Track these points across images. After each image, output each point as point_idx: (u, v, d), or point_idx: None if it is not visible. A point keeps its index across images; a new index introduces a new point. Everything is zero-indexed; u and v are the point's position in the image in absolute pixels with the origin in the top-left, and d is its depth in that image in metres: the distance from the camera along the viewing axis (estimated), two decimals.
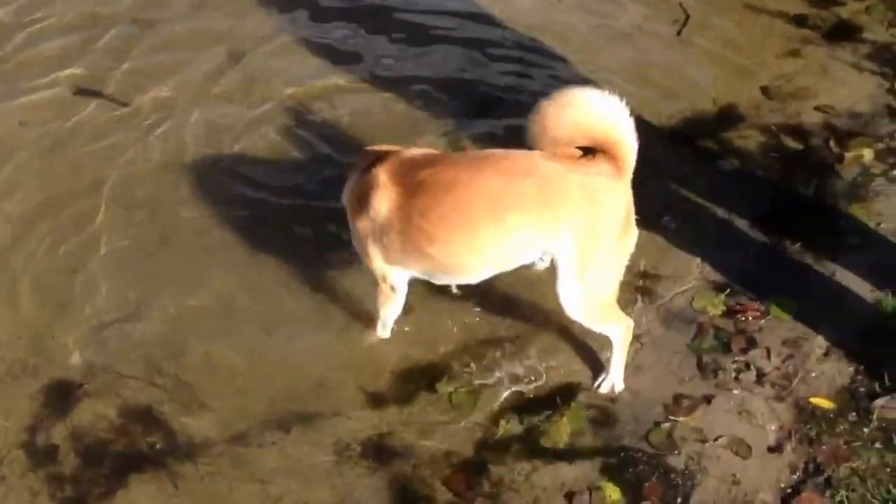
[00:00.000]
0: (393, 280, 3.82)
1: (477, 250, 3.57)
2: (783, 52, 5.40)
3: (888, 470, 3.54)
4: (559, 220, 3.47)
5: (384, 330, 4.04)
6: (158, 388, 3.93)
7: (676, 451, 3.65)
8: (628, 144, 3.40)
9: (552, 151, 3.43)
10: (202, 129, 5.06)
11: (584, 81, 5.13)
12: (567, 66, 5.35)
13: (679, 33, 5.57)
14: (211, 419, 3.82)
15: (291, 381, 3.94)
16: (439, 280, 3.82)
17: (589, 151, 3.44)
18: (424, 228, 3.53)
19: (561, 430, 3.71)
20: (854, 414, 3.73)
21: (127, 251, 4.46)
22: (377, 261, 3.75)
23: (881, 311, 4.04)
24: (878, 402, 3.74)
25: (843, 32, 5.52)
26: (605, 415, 3.78)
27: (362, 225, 3.68)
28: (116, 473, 3.66)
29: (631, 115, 3.37)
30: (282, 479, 3.63)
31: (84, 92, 5.26)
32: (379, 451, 3.70)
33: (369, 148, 3.86)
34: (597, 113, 3.35)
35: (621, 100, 3.35)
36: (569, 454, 3.66)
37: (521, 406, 3.82)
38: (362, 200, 3.65)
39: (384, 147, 3.80)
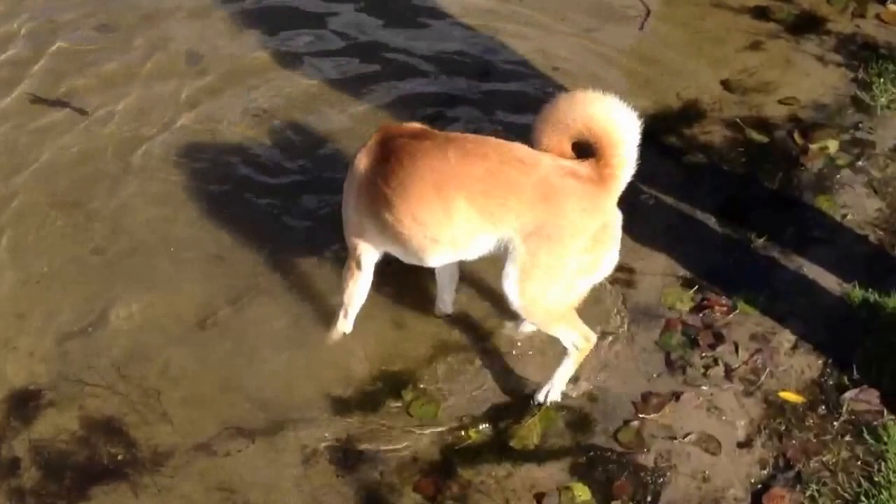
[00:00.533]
0: (361, 253, 3.79)
1: (423, 225, 3.52)
2: (746, 45, 5.40)
3: (859, 463, 3.54)
4: (504, 213, 3.42)
5: (346, 322, 3.98)
6: (122, 397, 3.84)
7: (646, 449, 3.62)
8: (625, 154, 3.35)
9: (550, 136, 3.42)
10: (156, 135, 4.97)
11: (545, 80, 5.17)
12: (526, 65, 5.32)
13: (641, 28, 5.56)
14: (175, 428, 3.74)
15: (257, 388, 3.87)
16: (405, 258, 3.76)
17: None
18: (384, 192, 3.54)
19: (531, 432, 3.67)
20: (824, 407, 3.72)
21: (90, 257, 4.37)
22: (351, 228, 3.78)
23: (849, 303, 4.04)
24: (848, 394, 3.73)
25: (806, 24, 5.54)
26: (574, 415, 3.74)
27: (347, 187, 3.76)
28: (78, 486, 3.58)
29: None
30: (247, 488, 3.56)
31: (30, 96, 5.16)
32: (346, 458, 3.64)
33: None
34: (614, 117, 3.33)
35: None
36: (538, 455, 3.62)
37: (491, 410, 3.77)
38: (352, 162, 3.73)
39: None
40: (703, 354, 3.91)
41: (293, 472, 3.60)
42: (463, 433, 3.69)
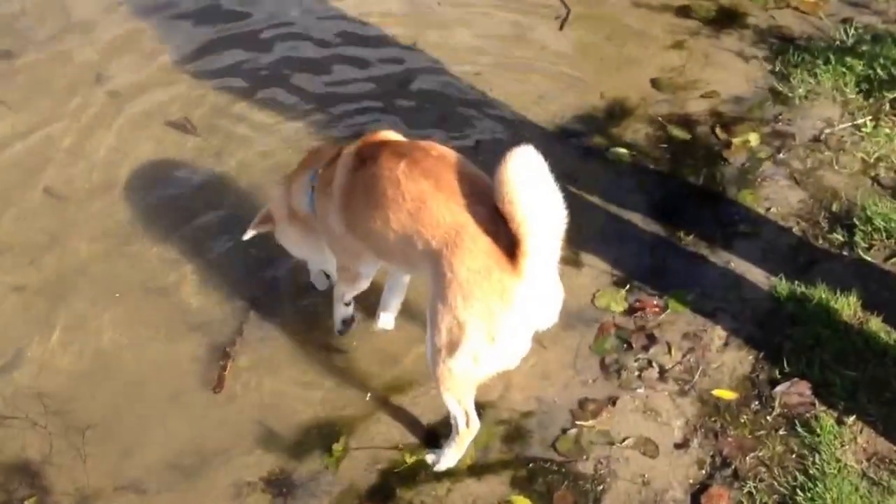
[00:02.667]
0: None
1: (372, 227, 3.40)
2: (667, 43, 5.41)
3: (793, 456, 3.55)
4: (417, 240, 3.23)
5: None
6: (42, 436, 3.73)
7: (585, 457, 3.60)
8: (533, 248, 3.03)
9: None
10: (72, 163, 4.85)
11: (469, 84, 5.15)
12: (450, 67, 5.29)
13: (561, 28, 5.54)
14: (100, 466, 3.64)
15: (186, 423, 3.78)
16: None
17: None
18: (355, 194, 3.49)
19: (468, 449, 3.59)
20: (757, 403, 3.73)
21: (8, 294, 4.25)
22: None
23: (776, 296, 4.06)
24: (780, 388, 3.75)
25: (725, 20, 5.56)
26: (512, 427, 3.71)
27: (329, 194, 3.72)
28: None
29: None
30: None
31: None
32: (280, 487, 3.56)
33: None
34: (531, 209, 3.00)
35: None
36: (478, 470, 3.58)
37: (427, 433, 3.71)
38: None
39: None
40: (637, 357, 3.91)
41: None
42: (400, 457, 3.63)
